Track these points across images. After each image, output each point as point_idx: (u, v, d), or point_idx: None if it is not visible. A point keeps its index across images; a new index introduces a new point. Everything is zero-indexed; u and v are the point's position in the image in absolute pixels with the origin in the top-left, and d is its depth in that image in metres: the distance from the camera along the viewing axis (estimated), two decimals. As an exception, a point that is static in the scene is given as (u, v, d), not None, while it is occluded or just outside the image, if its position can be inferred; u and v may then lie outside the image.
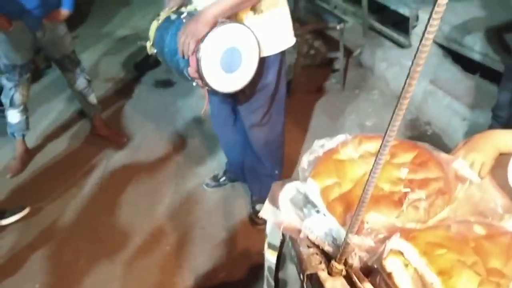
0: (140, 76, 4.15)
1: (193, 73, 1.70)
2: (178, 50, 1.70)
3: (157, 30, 1.87)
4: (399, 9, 3.96)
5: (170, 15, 1.87)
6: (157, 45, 1.87)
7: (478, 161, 1.07)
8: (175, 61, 1.78)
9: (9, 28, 2.49)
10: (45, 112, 3.62)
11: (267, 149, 2.32)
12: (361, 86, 3.81)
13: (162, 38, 1.82)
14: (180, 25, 1.76)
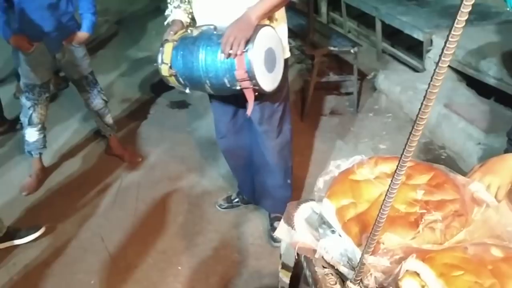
0: (156, 97, 4.21)
1: (242, 74, 1.78)
2: (224, 51, 1.76)
3: (175, 50, 1.90)
4: (413, 33, 4.00)
5: (189, 32, 1.93)
6: (180, 63, 1.89)
7: (494, 184, 1.06)
8: (213, 70, 1.83)
9: (30, 49, 2.57)
10: (61, 131, 3.67)
11: (281, 157, 2.35)
12: (375, 110, 3.81)
13: (189, 53, 1.86)
14: (212, 35, 1.85)
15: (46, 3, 2.55)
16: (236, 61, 1.77)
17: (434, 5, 4.48)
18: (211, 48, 1.82)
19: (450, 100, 3.31)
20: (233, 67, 1.79)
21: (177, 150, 3.40)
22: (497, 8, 4.22)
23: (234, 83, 1.83)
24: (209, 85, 1.91)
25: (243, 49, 1.75)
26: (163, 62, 1.92)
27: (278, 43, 1.95)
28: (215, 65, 1.82)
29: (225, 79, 1.83)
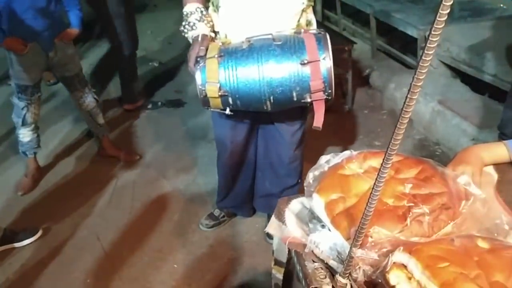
0: (151, 96, 4.20)
1: (319, 84, 1.69)
2: None
3: (223, 67, 1.72)
4: (407, 30, 4.01)
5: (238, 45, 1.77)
6: (234, 81, 1.72)
7: (467, 172, 1.09)
8: (280, 85, 1.70)
9: (25, 50, 2.58)
10: (55, 131, 3.67)
11: (298, 162, 2.35)
12: (370, 107, 3.83)
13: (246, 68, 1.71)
14: (272, 46, 1.71)
15: (36, 3, 2.56)
16: (310, 71, 1.67)
17: (428, 2, 4.49)
18: (276, 60, 1.68)
19: (444, 96, 3.33)
20: (307, 77, 1.68)
21: (172, 149, 3.40)
22: (491, 5, 4.24)
23: (304, 95, 1.72)
24: (271, 102, 1.76)
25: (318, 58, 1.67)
26: (210, 82, 1.71)
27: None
28: (283, 78, 1.69)
29: (294, 92, 1.71)
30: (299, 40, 1.72)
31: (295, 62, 1.68)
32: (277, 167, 2.36)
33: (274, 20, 1.84)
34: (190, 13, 1.86)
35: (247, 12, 1.86)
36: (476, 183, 1.08)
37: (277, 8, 1.84)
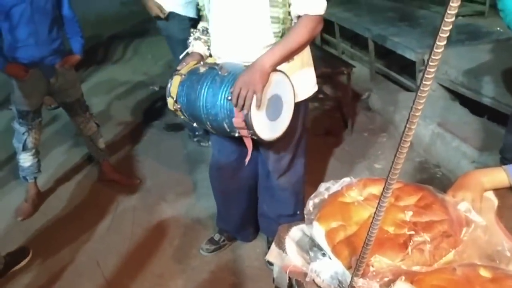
0: (150, 120, 4.22)
1: (240, 122, 1.69)
2: (234, 103, 1.67)
3: (181, 85, 1.86)
4: (405, 53, 4.05)
5: (198, 68, 1.86)
6: (184, 99, 1.85)
7: (467, 198, 1.09)
8: (213, 113, 1.76)
9: (26, 76, 2.60)
10: (55, 156, 3.68)
11: (292, 192, 2.32)
12: (370, 129, 3.84)
13: (193, 91, 1.81)
14: (216, 76, 1.76)
15: (38, 30, 2.59)
16: (235, 108, 1.68)
17: (426, 26, 4.56)
18: (212, 91, 1.74)
19: (443, 119, 3.34)
20: (232, 113, 1.70)
21: (173, 172, 3.40)
22: (487, 28, 4.30)
23: (233, 129, 1.75)
24: (210, 126, 1.85)
25: (250, 102, 1.66)
26: (170, 95, 1.89)
27: (287, 88, 1.83)
28: (215, 109, 1.74)
29: (225, 124, 1.76)
30: (239, 75, 1.72)
31: (224, 96, 1.71)
32: (271, 191, 2.34)
33: (244, 49, 1.87)
34: (194, 32, 2.04)
35: (221, 38, 1.95)
36: (476, 209, 1.08)
37: (247, 37, 1.87)
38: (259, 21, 1.83)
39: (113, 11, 9.95)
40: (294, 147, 2.18)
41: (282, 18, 1.81)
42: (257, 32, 1.85)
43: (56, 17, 2.70)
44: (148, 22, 8.37)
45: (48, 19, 2.62)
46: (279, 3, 1.78)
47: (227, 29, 1.92)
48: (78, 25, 2.82)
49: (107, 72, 5.62)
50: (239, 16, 1.86)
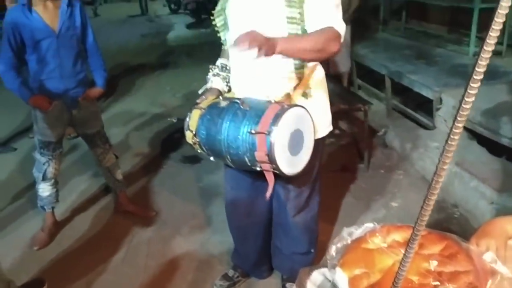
0: (167, 152, 4.27)
1: (262, 156, 1.69)
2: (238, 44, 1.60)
3: (201, 119, 1.88)
4: (422, 91, 4.07)
5: (218, 102, 1.89)
6: (204, 133, 1.87)
7: (491, 246, 1.07)
8: (234, 147, 1.77)
9: (49, 108, 2.67)
10: (73, 186, 3.72)
11: (307, 230, 2.31)
12: (386, 166, 3.83)
13: (213, 125, 1.82)
14: (238, 110, 1.78)
15: (63, 64, 2.67)
16: (257, 142, 1.69)
17: (442, 64, 4.59)
18: (234, 124, 1.76)
19: (461, 158, 3.32)
20: (254, 147, 1.71)
21: (188, 205, 3.41)
22: (505, 68, 4.31)
23: (255, 163, 1.76)
24: (230, 160, 1.85)
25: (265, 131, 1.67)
26: (189, 129, 1.92)
27: (308, 124, 1.83)
28: (237, 142, 1.75)
29: (246, 158, 1.76)
30: (262, 110, 1.74)
31: (246, 130, 1.72)
32: (285, 228, 2.33)
33: (264, 84, 1.91)
34: (213, 68, 2.09)
35: (241, 73, 2.00)
36: (500, 257, 1.06)
37: (267, 72, 1.90)
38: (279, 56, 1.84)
39: (134, 43, 10.23)
40: (312, 185, 2.19)
41: None
42: (276, 62, 1.88)
43: (81, 50, 2.78)
44: (167, 55, 8.65)
45: (73, 52, 2.70)
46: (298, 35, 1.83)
47: (247, 64, 1.92)
48: (101, 58, 2.90)
49: (126, 103, 5.72)
50: None
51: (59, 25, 2.59)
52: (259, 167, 1.76)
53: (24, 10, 2.52)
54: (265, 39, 1.63)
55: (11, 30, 2.54)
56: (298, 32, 1.83)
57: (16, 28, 2.53)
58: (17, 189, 3.73)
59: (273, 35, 1.77)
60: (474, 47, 4.83)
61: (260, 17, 1.87)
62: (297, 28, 1.83)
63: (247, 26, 1.80)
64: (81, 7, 2.73)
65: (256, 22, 1.84)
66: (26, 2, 2.52)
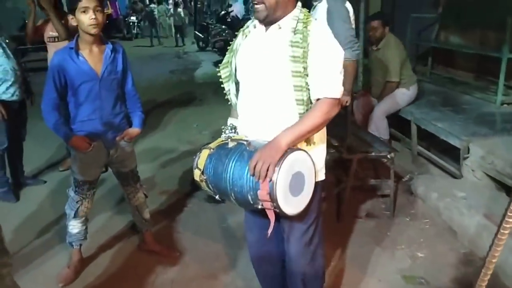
0: (193, 190, 4.31)
1: (264, 195, 1.80)
2: (250, 172, 1.82)
3: (209, 158, 2.01)
4: (449, 140, 4.06)
5: (227, 143, 2.03)
6: (211, 171, 1.99)
7: None
8: (238, 185, 1.88)
9: (89, 149, 2.75)
10: (100, 221, 3.77)
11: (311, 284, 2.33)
12: (412, 214, 3.78)
13: (220, 164, 1.95)
14: (244, 151, 1.92)
15: (103, 106, 2.76)
16: (261, 181, 1.81)
17: (470, 112, 4.58)
18: (240, 164, 1.89)
19: (489, 210, 3.27)
20: (257, 186, 1.82)
21: (212, 246, 3.42)
22: (534, 118, 4.27)
23: (257, 201, 1.86)
24: (234, 198, 1.95)
25: (270, 175, 1.79)
26: (197, 167, 2.04)
27: (309, 167, 1.95)
28: (241, 181, 1.87)
29: (249, 196, 1.87)
30: None
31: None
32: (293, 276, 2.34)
33: (270, 129, 1.98)
34: (225, 129, 2.17)
35: (248, 118, 2.10)
36: None
37: (274, 119, 2.01)
38: (285, 104, 1.99)
39: (163, 79, 10.52)
40: (313, 229, 2.21)
41: (306, 100, 1.96)
42: (283, 113, 2.00)
43: (120, 93, 2.87)
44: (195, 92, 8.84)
45: (112, 95, 2.78)
46: (303, 88, 1.94)
47: (254, 110, 2.07)
48: (139, 101, 2.98)
49: (154, 139, 5.83)
50: (266, 98, 2.02)
51: (102, 69, 2.69)
52: (261, 205, 1.86)
53: (71, 53, 2.63)
54: (269, 155, 1.81)
55: (57, 71, 2.64)
56: (303, 85, 1.94)
57: (61, 69, 2.64)
58: (45, 222, 3.80)
59: (279, 87, 1.96)
60: (501, 95, 4.81)
61: (266, 71, 2.00)
62: (301, 81, 1.94)
63: (255, 78, 2.04)
64: (123, 53, 2.83)
65: (262, 76, 2.01)
66: (74, 45, 2.64)
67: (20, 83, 4.09)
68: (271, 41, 2.00)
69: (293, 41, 1.93)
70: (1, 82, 3.92)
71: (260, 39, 2.05)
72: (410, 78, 4.82)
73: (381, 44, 4.76)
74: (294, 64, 1.92)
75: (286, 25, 1.98)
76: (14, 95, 4.03)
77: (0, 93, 3.93)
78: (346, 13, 3.38)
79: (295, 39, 1.93)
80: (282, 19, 1.99)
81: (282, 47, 1.95)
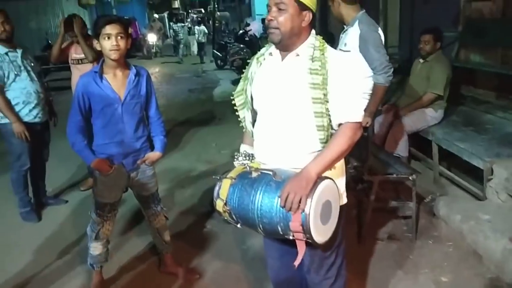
0: (212, 211, 4.30)
1: (297, 226, 1.79)
2: (282, 205, 1.80)
3: (232, 188, 1.98)
4: (472, 161, 3.99)
5: (249, 172, 2.00)
6: (235, 202, 1.95)
7: None
8: (268, 217, 1.86)
9: (110, 171, 2.78)
10: (120, 243, 3.79)
11: None
12: (435, 237, 3.71)
13: (246, 194, 1.92)
14: (271, 182, 1.90)
15: (125, 129, 2.80)
16: (292, 213, 1.80)
17: (493, 132, 4.49)
18: (268, 195, 1.87)
19: (516, 234, 3.19)
20: (289, 217, 1.81)
21: (232, 269, 3.39)
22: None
23: (287, 232, 1.85)
24: (261, 229, 1.93)
25: (303, 207, 1.79)
26: (219, 197, 2.01)
27: (336, 194, 1.97)
28: (270, 212, 1.84)
29: (279, 227, 1.85)
30: None
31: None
32: None
33: (290, 156, 2.00)
34: (237, 156, 2.17)
35: (267, 144, 2.08)
36: None
37: (294, 145, 2.01)
38: (305, 130, 1.99)
39: (182, 97, 10.63)
40: (335, 253, 2.21)
41: (326, 126, 1.97)
42: (303, 140, 2.00)
43: (143, 116, 2.90)
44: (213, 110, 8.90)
45: (135, 119, 2.82)
46: (324, 114, 1.95)
47: (274, 137, 2.06)
48: (163, 125, 3.01)
49: (173, 159, 5.86)
50: (286, 125, 2.02)
51: (125, 93, 2.74)
52: (292, 236, 1.85)
53: (96, 77, 2.69)
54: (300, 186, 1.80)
55: (81, 94, 2.70)
56: (323, 111, 1.95)
57: (86, 93, 2.70)
58: (66, 242, 3.84)
59: (299, 114, 1.97)
60: (525, 115, 4.73)
61: (285, 99, 2.01)
62: (321, 107, 1.96)
63: (273, 106, 2.04)
64: (148, 77, 2.88)
65: (282, 104, 2.02)
66: (98, 69, 2.70)
67: (43, 105, 4.18)
68: (289, 69, 2.03)
69: (312, 69, 1.96)
70: (24, 104, 4.01)
71: (277, 67, 2.07)
72: (442, 102, 4.82)
73: (431, 57, 4.82)
74: (314, 91, 1.95)
75: (303, 52, 2.01)
76: (36, 117, 4.12)
77: (23, 115, 4.02)
78: (379, 38, 3.40)
79: (314, 66, 1.96)
80: (299, 47, 2.02)
81: (301, 74, 1.98)
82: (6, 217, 4.40)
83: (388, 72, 3.36)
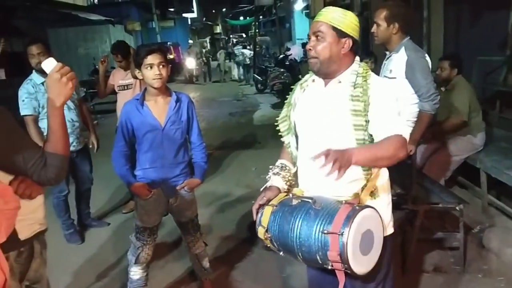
0: (252, 236, 4.27)
1: (334, 256, 1.75)
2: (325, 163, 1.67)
3: (273, 215, 1.97)
4: (523, 190, 3.79)
5: (290, 200, 1.99)
6: (276, 229, 1.94)
7: None
8: (306, 245, 1.83)
9: (149, 196, 2.81)
10: (159, 266, 3.79)
11: None
12: (484, 270, 3.52)
13: (286, 222, 1.90)
14: (310, 210, 1.87)
15: (166, 155, 2.83)
16: (330, 241, 1.76)
17: (546, 161, 4.27)
18: (307, 223, 1.84)
19: None
20: (327, 246, 1.77)
21: (271, 298, 3.33)
22: None
23: (326, 261, 1.80)
24: (301, 257, 1.90)
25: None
26: (261, 225, 2.00)
27: (378, 224, 1.90)
28: (309, 240, 1.81)
29: (318, 256, 1.81)
30: (334, 210, 1.82)
31: (319, 229, 1.80)
32: None
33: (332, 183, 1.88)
34: (273, 168, 2.21)
35: (310, 172, 2.04)
36: None
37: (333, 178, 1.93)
38: None
39: (222, 121, 10.72)
40: (382, 284, 2.14)
41: None
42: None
43: (184, 142, 2.93)
44: (253, 134, 8.93)
45: (175, 145, 2.85)
46: (366, 141, 1.94)
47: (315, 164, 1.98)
48: (204, 151, 3.01)
49: (212, 183, 5.88)
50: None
51: (165, 119, 2.79)
52: (330, 265, 1.80)
53: (137, 104, 2.77)
54: (341, 154, 1.69)
55: (125, 121, 2.79)
56: (365, 138, 1.94)
57: (128, 120, 2.78)
58: (106, 265, 3.88)
59: (341, 141, 1.92)
60: None
61: (327, 125, 2.00)
62: (363, 134, 1.94)
63: (316, 133, 2.03)
64: (189, 103, 2.91)
65: (324, 130, 2.01)
66: (140, 97, 2.78)
67: (77, 134, 4.27)
68: (331, 95, 2.02)
69: (354, 95, 1.94)
70: (58, 133, 4.13)
71: (320, 94, 2.07)
72: (478, 125, 4.60)
73: (450, 84, 4.65)
74: (356, 118, 1.93)
75: (345, 79, 2.00)
76: (70, 146, 4.21)
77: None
78: (427, 65, 3.33)
79: (356, 93, 1.95)
80: (342, 74, 2.02)
81: (342, 101, 1.97)
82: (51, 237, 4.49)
83: (435, 99, 3.27)
